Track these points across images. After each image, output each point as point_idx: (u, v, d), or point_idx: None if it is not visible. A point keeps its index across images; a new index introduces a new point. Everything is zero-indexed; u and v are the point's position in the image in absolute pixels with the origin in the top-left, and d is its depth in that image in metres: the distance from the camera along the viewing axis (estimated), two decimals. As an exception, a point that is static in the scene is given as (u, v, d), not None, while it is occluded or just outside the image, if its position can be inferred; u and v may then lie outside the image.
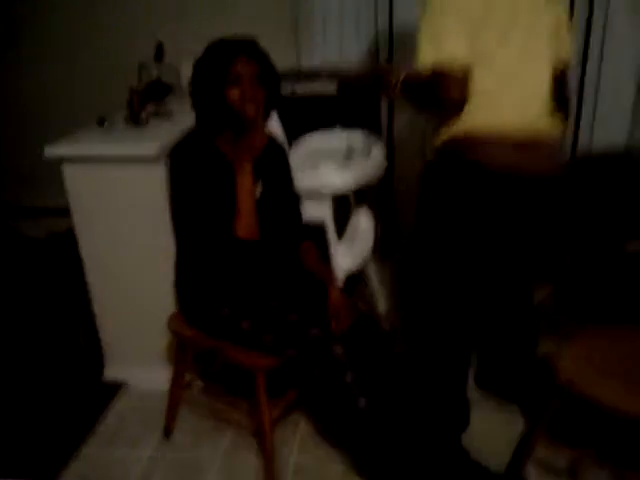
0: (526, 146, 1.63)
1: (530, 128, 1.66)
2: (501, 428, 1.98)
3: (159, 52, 2.67)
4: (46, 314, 2.82)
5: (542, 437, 1.66)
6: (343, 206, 2.64)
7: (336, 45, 3.09)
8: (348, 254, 2.37)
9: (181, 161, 1.74)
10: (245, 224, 1.74)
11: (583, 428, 1.89)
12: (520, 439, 1.90)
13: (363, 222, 2.58)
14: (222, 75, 1.68)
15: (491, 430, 1.97)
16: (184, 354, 1.94)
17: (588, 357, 1.60)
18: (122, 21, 3.35)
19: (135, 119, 2.19)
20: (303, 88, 2.88)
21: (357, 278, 2.80)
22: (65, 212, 2.15)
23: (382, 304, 2.75)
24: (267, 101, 1.78)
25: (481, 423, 1.98)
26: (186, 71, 2.80)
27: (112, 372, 2.36)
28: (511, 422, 2.00)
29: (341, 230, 2.59)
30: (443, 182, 1.71)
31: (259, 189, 1.84)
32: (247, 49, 1.72)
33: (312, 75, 2.94)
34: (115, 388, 2.31)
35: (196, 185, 1.72)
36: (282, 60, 2.99)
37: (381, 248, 3.27)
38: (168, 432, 2.05)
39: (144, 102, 2.26)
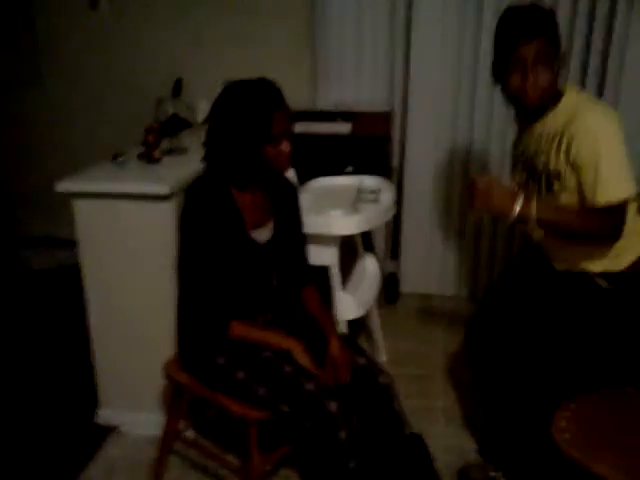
0: None
1: None
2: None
3: (177, 88, 2.70)
4: (45, 349, 2.82)
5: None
6: (349, 249, 2.65)
7: (352, 87, 3.13)
8: (352, 301, 2.36)
9: (194, 205, 1.72)
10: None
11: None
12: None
13: (369, 268, 2.59)
14: (263, 134, 1.64)
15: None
16: (179, 401, 1.92)
17: (586, 426, 1.57)
18: (140, 57, 3.43)
19: (148, 157, 2.22)
20: (317, 127, 2.91)
21: (359, 324, 2.80)
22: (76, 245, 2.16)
23: (383, 353, 2.76)
24: None
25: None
26: (202, 106, 2.87)
27: (105, 414, 2.32)
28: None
29: (345, 273, 2.59)
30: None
31: (271, 226, 1.85)
32: (281, 100, 1.67)
33: (326, 115, 2.97)
34: (107, 431, 2.28)
35: (207, 229, 1.70)
36: (299, 99, 3.08)
37: (385, 293, 3.28)
38: (157, 483, 2.02)
39: (159, 139, 2.28)
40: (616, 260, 1.81)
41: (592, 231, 1.70)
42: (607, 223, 1.67)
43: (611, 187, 1.65)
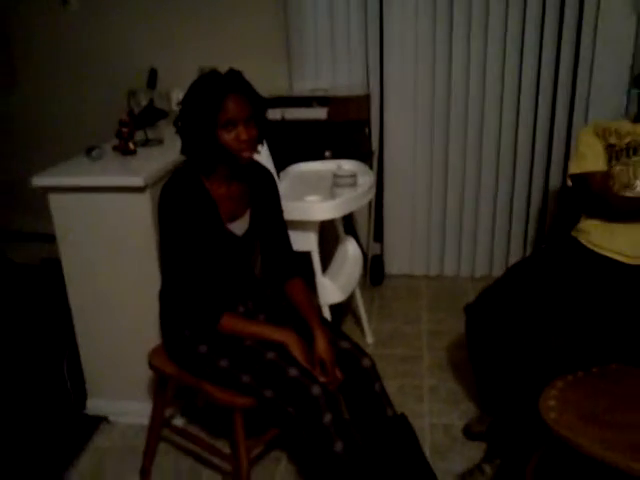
0: None
1: None
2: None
3: (152, 78, 2.68)
4: (32, 342, 2.82)
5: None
6: (330, 233, 2.65)
7: (328, 71, 3.11)
8: (334, 286, 2.37)
9: (170, 201, 1.71)
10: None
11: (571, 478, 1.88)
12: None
13: (350, 252, 2.59)
14: (212, 118, 1.62)
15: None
16: (164, 390, 1.93)
17: (570, 402, 1.59)
18: (113, 51, 3.40)
19: (123, 149, 2.20)
20: (293, 113, 2.89)
21: (344, 307, 2.81)
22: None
23: (369, 335, 2.77)
24: (259, 136, 1.74)
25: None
26: (176, 95, 2.85)
27: (94, 405, 2.33)
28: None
29: (327, 257, 2.60)
30: None
31: (248, 217, 1.84)
32: (236, 86, 1.65)
33: (302, 100, 2.96)
34: (97, 422, 2.30)
35: (185, 223, 1.69)
36: (275, 86, 3.06)
37: (370, 275, 3.29)
38: (145, 471, 2.02)
39: (133, 131, 2.27)
40: None
41: None
42: None
43: None
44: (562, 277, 2.02)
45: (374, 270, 3.30)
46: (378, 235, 3.33)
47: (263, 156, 2.27)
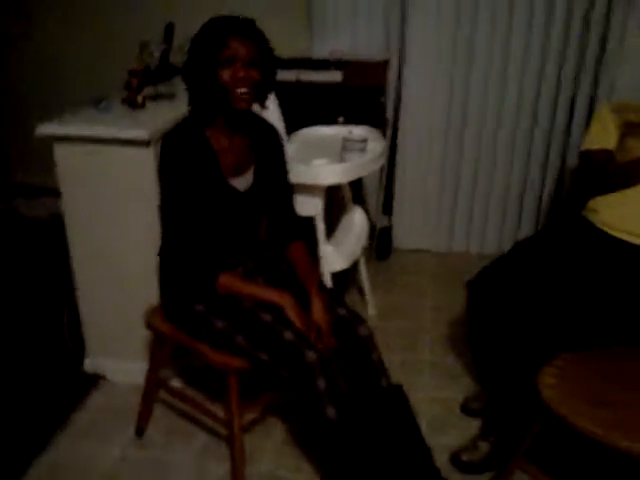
0: None
1: None
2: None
3: (169, 33, 2.61)
4: (34, 299, 2.81)
5: (523, 464, 1.62)
6: (338, 202, 2.61)
7: (348, 35, 3.02)
8: (337, 253, 2.33)
9: (170, 152, 1.67)
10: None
11: (566, 457, 1.86)
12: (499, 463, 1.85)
13: (357, 221, 2.55)
14: (214, 55, 1.60)
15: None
16: (160, 349, 1.91)
17: (569, 381, 1.57)
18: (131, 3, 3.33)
19: (131, 102, 2.16)
20: (308, 75, 2.82)
21: (349, 278, 2.77)
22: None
23: (371, 306, 2.74)
24: (263, 85, 1.70)
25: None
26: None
27: (93, 363, 2.32)
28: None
29: (333, 226, 2.56)
30: None
31: (252, 172, 1.79)
32: (242, 29, 1.62)
33: (319, 63, 2.88)
34: (93, 380, 2.29)
35: (183, 176, 1.65)
36: (295, 48, 2.98)
37: (377, 249, 3.24)
38: (140, 431, 2.03)
39: (143, 84, 2.22)
40: None
41: None
42: None
43: None
44: (568, 256, 1.97)
45: (381, 243, 3.25)
46: (387, 208, 3.27)
47: (274, 117, 2.21)
